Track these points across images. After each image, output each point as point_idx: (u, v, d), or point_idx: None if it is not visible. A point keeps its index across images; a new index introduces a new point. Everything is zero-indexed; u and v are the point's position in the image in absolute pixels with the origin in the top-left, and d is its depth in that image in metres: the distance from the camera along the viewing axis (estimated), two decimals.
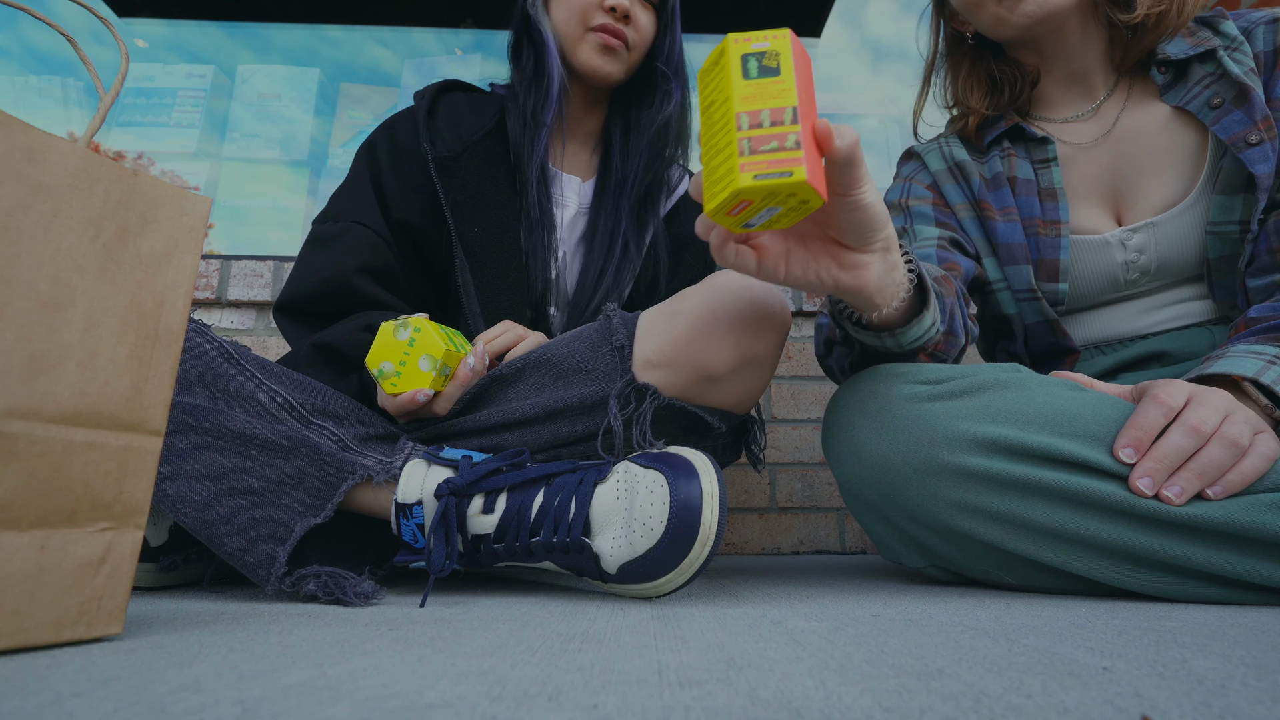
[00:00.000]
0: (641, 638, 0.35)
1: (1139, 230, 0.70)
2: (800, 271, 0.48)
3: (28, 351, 0.31)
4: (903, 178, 0.85)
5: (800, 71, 0.39)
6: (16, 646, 0.31)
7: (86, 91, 2.11)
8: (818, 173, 0.39)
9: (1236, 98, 0.65)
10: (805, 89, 0.39)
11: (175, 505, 0.50)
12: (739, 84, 0.39)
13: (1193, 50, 0.69)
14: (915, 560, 0.60)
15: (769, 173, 0.37)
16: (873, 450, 0.57)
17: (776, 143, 0.37)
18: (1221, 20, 0.70)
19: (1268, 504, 0.45)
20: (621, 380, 0.57)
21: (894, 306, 0.53)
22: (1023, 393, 0.53)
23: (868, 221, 0.45)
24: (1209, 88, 0.67)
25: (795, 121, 0.38)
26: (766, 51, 0.39)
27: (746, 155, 0.38)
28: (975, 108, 0.80)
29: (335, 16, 2.23)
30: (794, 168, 0.37)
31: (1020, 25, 0.72)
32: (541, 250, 0.78)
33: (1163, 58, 0.70)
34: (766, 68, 0.39)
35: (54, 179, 0.32)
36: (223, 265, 1.20)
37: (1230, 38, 0.68)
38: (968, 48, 0.82)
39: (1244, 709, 0.22)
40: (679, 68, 0.84)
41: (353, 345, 0.65)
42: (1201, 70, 0.68)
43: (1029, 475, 0.49)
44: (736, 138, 0.38)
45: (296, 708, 0.23)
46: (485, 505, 0.52)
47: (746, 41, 0.39)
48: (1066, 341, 0.73)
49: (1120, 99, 0.74)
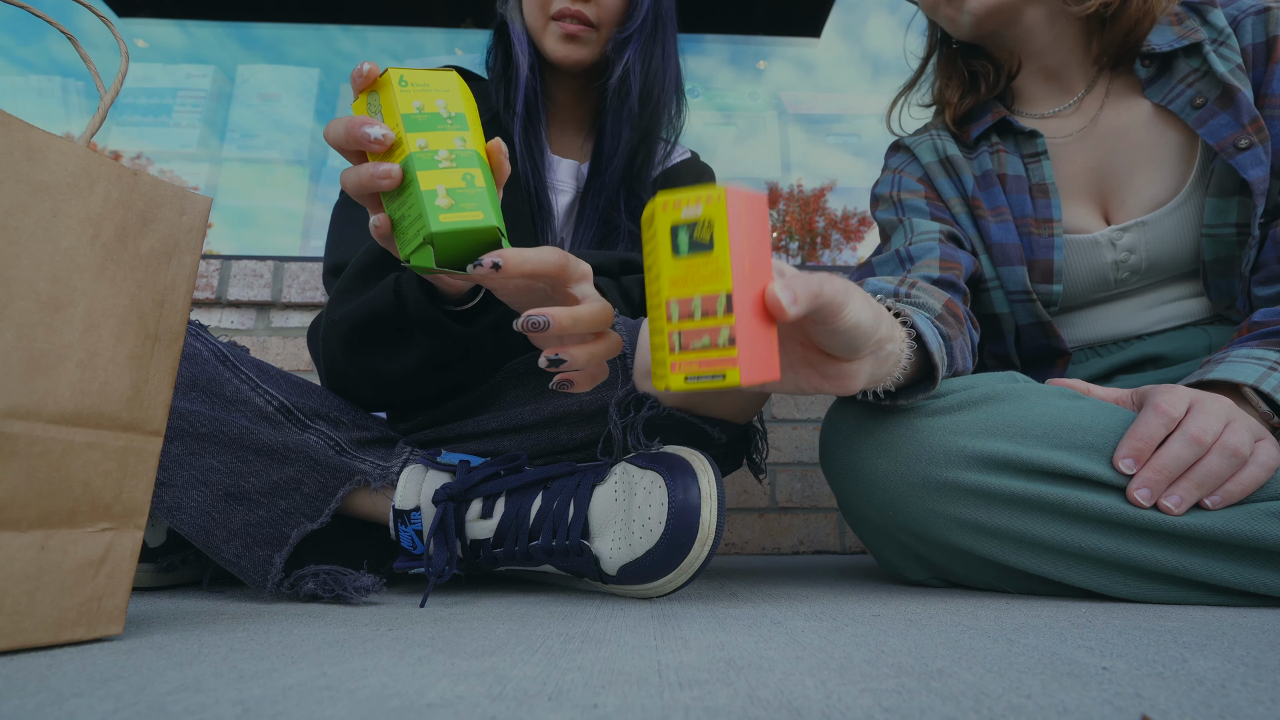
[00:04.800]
0: (641, 638, 0.35)
1: (1129, 229, 0.69)
2: (777, 383, 0.42)
3: (28, 351, 0.31)
4: (891, 170, 0.84)
5: (740, 236, 0.34)
6: (16, 646, 0.31)
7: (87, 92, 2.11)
8: (762, 356, 0.34)
9: (1221, 98, 0.63)
10: (750, 254, 0.34)
11: (172, 511, 0.50)
12: (668, 263, 0.34)
13: (1178, 43, 0.67)
14: (916, 573, 0.60)
15: (700, 374, 0.34)
16: (871, 467, 0.56)
17: (708, 338, 0.34)
18: (1210, 9, 0.68)
19: (1268, 513, 0.45)
20: (622, 389, 0.57)
21: (890, 384, 0.48)
22: (1020, 404, 0.52)
23: (853, 341, 0.39)
24: (1192, 86, 0.66)
25: (729, 311, 0.33)
26: (698, 221, 0.34)
27: (677, 352, 0.34)
28: (949, 100, 0.79)
29: (335, 16, 2.23)
30: (727, 369, 0.33)
31: (968, 24, 0.71)
32: (540, 236, 0.77)
33: (1147, 50, 0.68)
34: (698, 242, 0.34)
35: (54, 179, 0.32)
36: (223, 265, 1.20)
37: (1218, 30, 0.66)
38: (950, 48, 0.82)
39: (1244, 709, 0.22)
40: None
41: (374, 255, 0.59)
42: (1186, 66, 0.67)
43: (1027, 490, 0.49)
44: (667, 331, 0.34)
45: (296, 708, 0.23)
46: (483, 510, 0.52)
47: (676, 207, 0.34)
48: (1058, 343, 0.73)
49: (1101, 94, 0.73)
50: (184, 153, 2.07)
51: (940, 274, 0.66)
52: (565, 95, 0.82)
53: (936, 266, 0.67)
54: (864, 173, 2.58)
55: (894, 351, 0.45)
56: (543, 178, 0.78)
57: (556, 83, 0.81)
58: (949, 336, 0.56)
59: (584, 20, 0.73)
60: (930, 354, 0.50)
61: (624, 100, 0.76)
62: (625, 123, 0.77)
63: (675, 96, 0.81)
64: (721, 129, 2.37)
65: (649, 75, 0.76)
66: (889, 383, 0.48)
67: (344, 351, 0.58)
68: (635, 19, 0.74)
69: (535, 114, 0.77)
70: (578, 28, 0.73)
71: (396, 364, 0.57)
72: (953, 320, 0.58)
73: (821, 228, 2.75)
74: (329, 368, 0.61)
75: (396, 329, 0.55)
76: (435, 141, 0.40)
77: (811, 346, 0.42)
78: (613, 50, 0.75)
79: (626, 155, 0.78)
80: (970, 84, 0.79)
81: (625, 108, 0.76)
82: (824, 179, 2.62)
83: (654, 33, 0.76)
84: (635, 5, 0.75)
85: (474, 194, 0.40)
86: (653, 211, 0.36)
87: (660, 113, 0.79)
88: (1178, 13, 0.69)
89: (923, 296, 0.58)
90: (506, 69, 0.78)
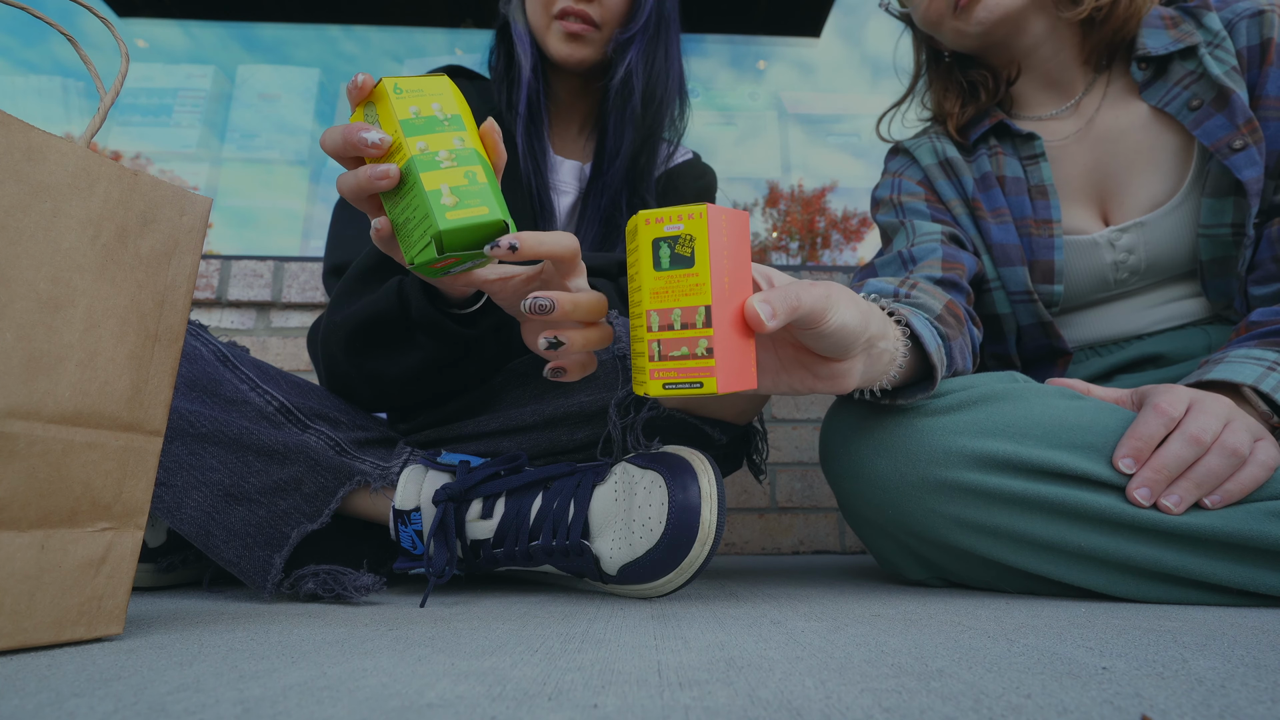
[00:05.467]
0: (641, 638, 0.35)
1: (1128, 230, 0.69)
2: (770, 384, 0.43)
3: (28, 351, 0.31)
4: (891, 173, 0.84)
5: (720, 253, 0.36)
6: (17, 646, 0.31)
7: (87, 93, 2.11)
8: (739, 365, 0.36)
9: (1216, 100, 0.64)
10: (730, 270, 0.36)
11: (171, 511, 0.50)
12: (649, 276, 0.36)
13: (1174, 46, 0.67)
14: (916, 573, 0.60)
15: (678, 382, 0.35)
16: (871, 467, 0.56)
17: (687, 349, 0.35)
18: (1205, 12, 0.68)
19: (1268, 512, 0.45)
20: (623, 390, 0.57)
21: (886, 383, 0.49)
22: (1020, 404, 0.53)
23: (841, 342, 0.40)
24: (1188, 88, 0.66)
25: (708, 324, 0.35)
26: (680, 237, 0.36)
27: (656, 361, 0.36)
28: (950, 111, 0.79)
29: (335, 17, 2.23)
30: (704, 379, 0.35)
31: (977, 33, 0.72)
32: None
33: (1143, 53, 0.69)
34: (679, 256, 0.36)
35: (54, 179, 0.32)
36: (223, 265, 1.20)
37: (1213, 32, 0.67)
38: (945, 63, 0.82)
39: (1244, 709, 0.22)
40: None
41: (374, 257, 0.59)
42: (1182, 69, 0.67)
43: (1027, 490, 0.49)
44: (647, 339, 0.36)
45: (296, 708, 0.23)
46: (484, 510, 0.52)
47: (659, 223, 0.36)
48: (1059, 344, 0.73)
49: (1098, 96, 0.73)
50: (184, 153, 2.07)
51: (943, 274, 0.67)
52: (568, 95, 0.82)
53: (939, 267, 0.68)
54: (864, 173, 2.58)
55: (887, 349, 0.46)
56: (545, 178, 0.78)
57: (559, 83, 0.81)
58: (947, 337, 0.56)
59: (587, 20, 0.73)
60: (928, 354, 0.50)
61: (626, 101, 0.76)
62: (628, 123, 0.77)
63: (678, 97, 0.81)
64: (722, 129, 2.37)
65: (652, 76, 0.76)
66: (885, 381, 0.48)
67: (346, 353, 0.58)
68: (638, 19, 0.74)
69: (537, 114, 0.77)
70: (581, 27, 0.73)
71: (398, 366, 0.57)
72: (953, 320, 0.58)
73: (822, 228, 2.75)
74: (329, 369, 0.61)
75: (399, 331, 0.55)
76: (435, 143, 0.40)
77: (803, 348, 0.43)
78: (616, 51, 0.75)
79: (629, 156, 0.77)
80: (970, 93, 0.80)
81: (628, 108, 0.76)
82: (824, 179, 2.62)
83: (657, 33, 0.76)
84: (638, 5, 0.74)
85: (477, 190, 0.40)
86: (635, 226, 0.37)
87: (663, 114, 0.79)
88: (1173, 16, 0.70)
89: (922, 297, 0.58)
90: (509, 69, 0.78)
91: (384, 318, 0.55)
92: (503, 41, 0.80)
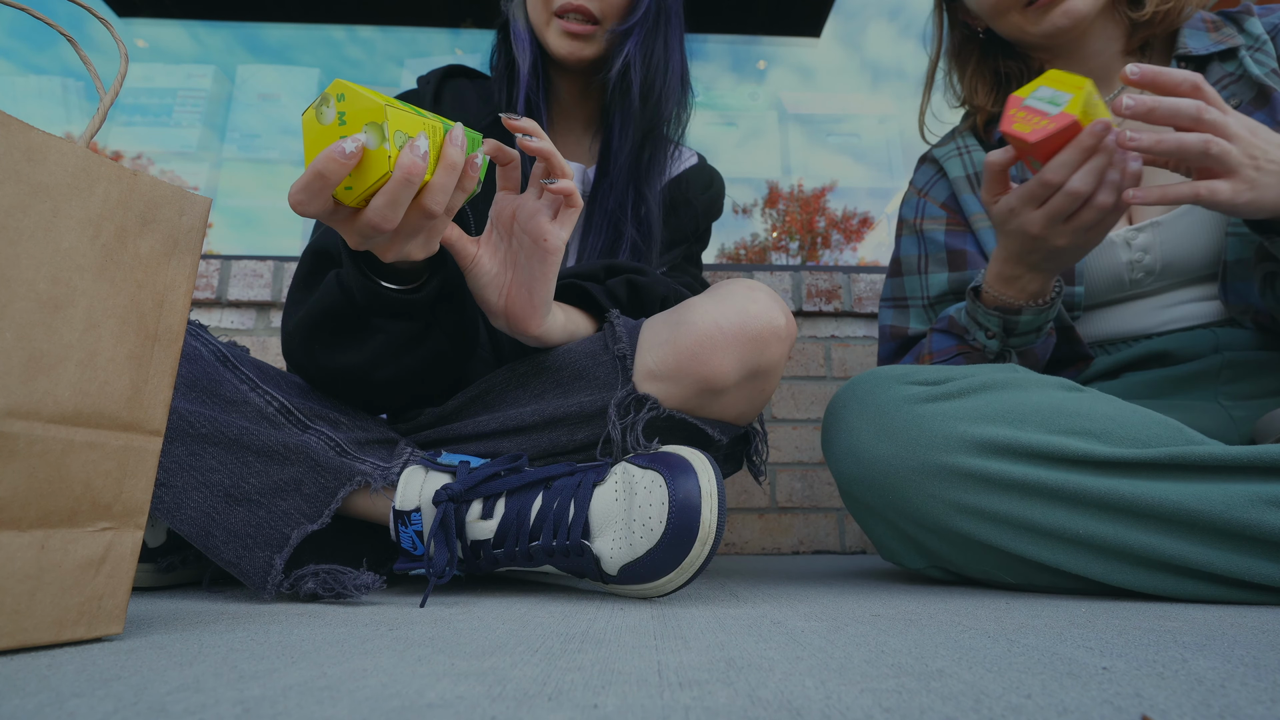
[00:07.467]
0: (641, 638, 0.35)
1: (1144, 229, 0.69)
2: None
3: (28, 351, 0.31)
4: (917, 190, 0.84)
5: None
6: (16, 646, 0.31)
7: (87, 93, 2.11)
8: None
9: (1256, 99, 0.64)
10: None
11: (171, 512, 0.50)
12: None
13: (1215, 47, 0.68)
14: (915, 561, 0.60)
15: None
16: (871, 452, 0.57)
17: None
18: (1247, 17, 0.69)
19: (1267, 500, 0.45)
20: (622, 390, 0.57)
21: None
22: (1019, 392, 0.53)
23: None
24: (1227, 88, 0.66)
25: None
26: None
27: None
28: (981, 105, 0.79)
29: (335, 16, 2.23)
30: None
31: (1044, 34, 0.71)
32: None
33: (1183, 52, 0.69)
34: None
35: (54, 179, 0.32)
36: (223, 265, 1.20)
37: (1254, 36, 0.67)
38: (977, 44, 0.81)
39: (1244, 709, 0.22)
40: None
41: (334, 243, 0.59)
42: (1221, 70, 0.67)
43: (1026, 475, 0.50)
44: None
45: (296, 708, 0.23)
46: (484, 510, 0.52)
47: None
48: (1080, 348, 0.73)
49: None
50: (184, 153, 2.07)
51: None
52: (571, 95, 0.82)
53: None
54: (864, 173, 2.57)
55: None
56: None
57: (562, 82, 0.80)
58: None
59: (587, 15, 0.72)
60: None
61: (626, 93, 0.75)
62: (630, 118, 0.76)
63: (680, 91, 0.80)
64: (722, 129, 2.37)
65: (650, 68, 0.75)
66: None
67: (309, 356, 0.58)
68: (637, 12, 0.73)
69: (537, 112, 0.77)
70: (581, 26, 0.72)
71: (362, 354, 0.56)
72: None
73: (822, 228, 2.75)
74: (308, 379, 0.61)
75: (350, 320, 0.55)
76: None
77: None
78: (613, 42, 0.74)
79: (632, 152, 0.77)
80: (1000, 84, 0.79)
81: (628, 101, 0.75)
82: (824, 179, 2.62)
83: (656, 25, 0.75)
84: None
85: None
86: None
87: (663, 107, 0.77)
88: (1215, 20, 0.70)
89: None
90: (509, 68, 0.78)
91: (332, 310, 0.55)
92: (504, 41, 0.80)
